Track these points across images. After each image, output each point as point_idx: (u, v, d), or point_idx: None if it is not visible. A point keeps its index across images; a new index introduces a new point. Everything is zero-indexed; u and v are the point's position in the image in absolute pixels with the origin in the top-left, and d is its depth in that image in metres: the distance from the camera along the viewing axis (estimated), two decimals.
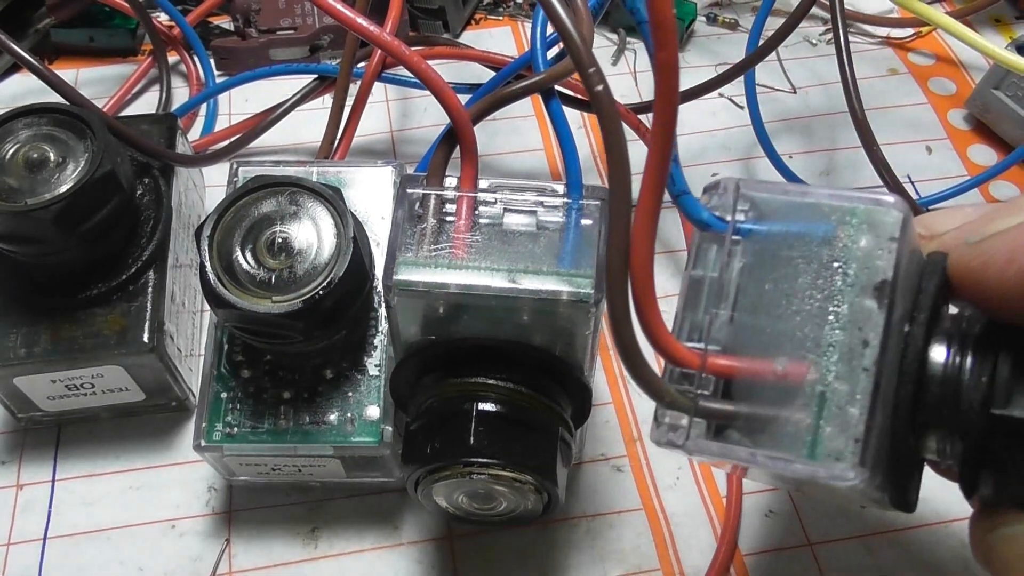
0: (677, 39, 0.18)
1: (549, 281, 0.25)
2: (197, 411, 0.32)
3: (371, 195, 0.34)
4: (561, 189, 0.27)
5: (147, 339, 0.33)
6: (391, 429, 0.31)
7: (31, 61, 0.35)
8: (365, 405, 0.31)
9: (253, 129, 0.43)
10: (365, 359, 0.32)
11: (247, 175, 0.33)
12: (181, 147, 0.39)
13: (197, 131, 0.46)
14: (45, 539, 0.35)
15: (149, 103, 0.48)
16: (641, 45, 0.50)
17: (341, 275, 0.28)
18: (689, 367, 0.22)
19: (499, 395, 0.28)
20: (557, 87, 0.29)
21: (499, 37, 0.51)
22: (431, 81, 0.29)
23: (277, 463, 0.33)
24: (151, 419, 0.37)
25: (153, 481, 0.36)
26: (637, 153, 0.21)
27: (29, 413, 0.36)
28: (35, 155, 0.31)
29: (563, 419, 0.29)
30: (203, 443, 0.31)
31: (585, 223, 0.27)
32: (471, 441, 0.27)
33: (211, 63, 0.49)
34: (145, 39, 0.50)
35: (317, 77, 0.44)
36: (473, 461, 0.27)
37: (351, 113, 0.41)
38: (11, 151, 0.32)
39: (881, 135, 0.40)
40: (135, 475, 0.36)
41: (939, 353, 0.21)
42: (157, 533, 0.35)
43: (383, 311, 0.32)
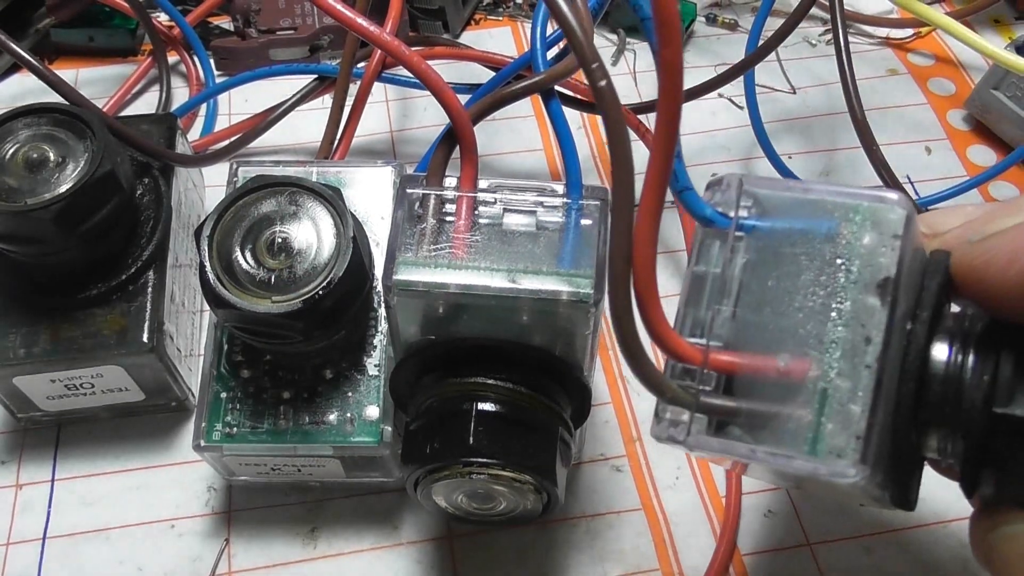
0: (681, 36, 0.18)
1: (549, 281, 0.25)
2: (197, 411, 0.32)
3: (371, 195, 0.34)
4: (561, 189, 0.27)
5: (147, 339, 0.33)
6: (390, 429, 0.31)
7: (31, 61, 0.35)
8: (365, 405, 0.31)
9: (253, 129, 0.43)
10: (365, 359, 0.32)
11: (247, 175, 0.33)
12: (181, 147, 0.39)
13: (197, 131, 0.46)
14: (44, 539, 0.35)
15: (149, 103, 0.48)
16: (641, 45, 0.50)
17: (341, 275, 0.28)
18: (691, 363, 0.22)
19: (499, 395, 0.28)
20: (557, 87, 0.29)
21: (499, 37, 0.51)
22: (431, 81, 0.29)
23: (277, 463, 0.33)
24: (151, 419, 0.37)
25: (152, 481, 0.36)
26: (637, 154, 0.21)
27: (29, 413, 0.36)
28: (35, 155, 0.31)
29: (563, 419, 0.29)
30: (203, 443, 0.31)
31: (585, 223, 0.27)
32: (471, 441, 0.27)
33: (211, 63, 0.49)
34: (145, 39, 0.50)
35: (317, 77, 0.44)
36: (473, 461, 0.27)
37: (351, 113, 0.41)
38: (11, 151, 0.32)
39: (880, 135, 0.40)
40: (134, 475, 0.36)
41: (941, 351, 0.21)
42: (156, 533, 0.35)
43: (383, 311, 0.32)
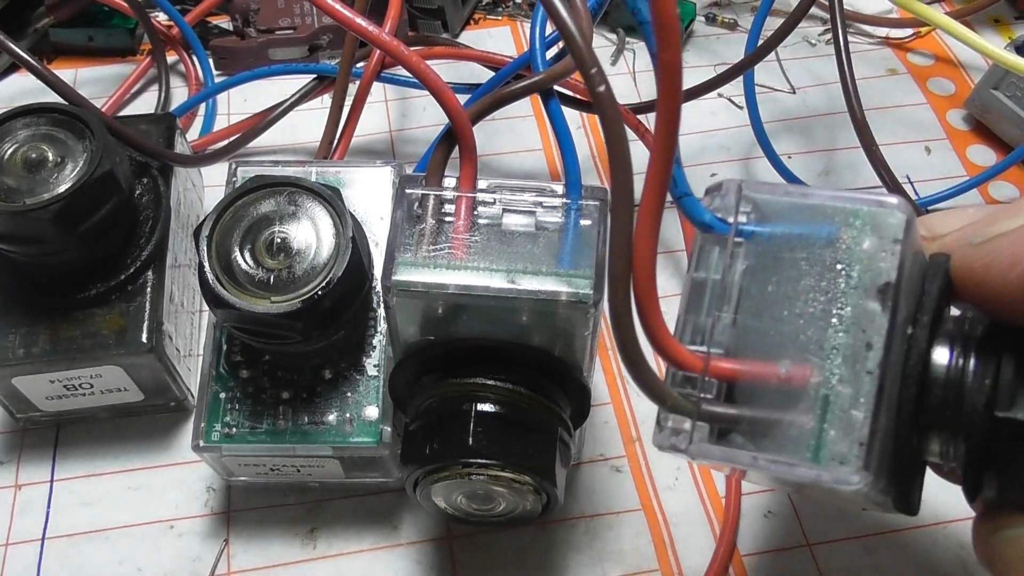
0: (680, 40, 0.18)
1: (548, 282, 0.25)
2: (196, 411, 0.31)
3: (370, 195, 0.34)
4: (560, 189, 0.27)
5: (146, 339, 0.33)
6: (390, 429, 0.31)
7: (30, 61, 0.35)
8: (364, 405, 0.31)
9: (252, 129, 0.43)
10: (364, 359, 0.32)
11: (246, 175, 0.33)
12: (180, 147, 0.39)
13: (196, 131, 0.46)
14: (44, 539, 0.34)
15: (148, 103, 0.48)
16: (640, 45, 0.50)
17: (340, 275, 0.28)
18: (691, 370, 0.22)
19: (498, 396, 0.28)
20: (556, 87, 0.29)
21: (498, 37, 0.51)
22: (430, 81, 0.29)
23: (276, 463, 0.33)
24: (150, 419, 0.37)
25: (152, 481, 0.36)
26: (637, 154, 0.21)
27: (28, 413, 0.36)
28: (34, 155, 0.31)
29: (562, 420, 0.29)
30: (202, 443, 0.31)
31: (584, 223, 0.26)
32: (470, 442, 0.27)
33: (210, 63, 0.48)
34: (144, 39, 0.50)
35: (316, 77, 0.44)
36: (472, 462, 0.27)
37: (350, 113, 0.41)
38: (10, 151, 0.32)
39: (880, 135, 0.40)
40: (134, 475, 0.36)
41: (942, 355, 0.21)
42: (156, 533, 0.35)
43: (382, 311, 0.32)
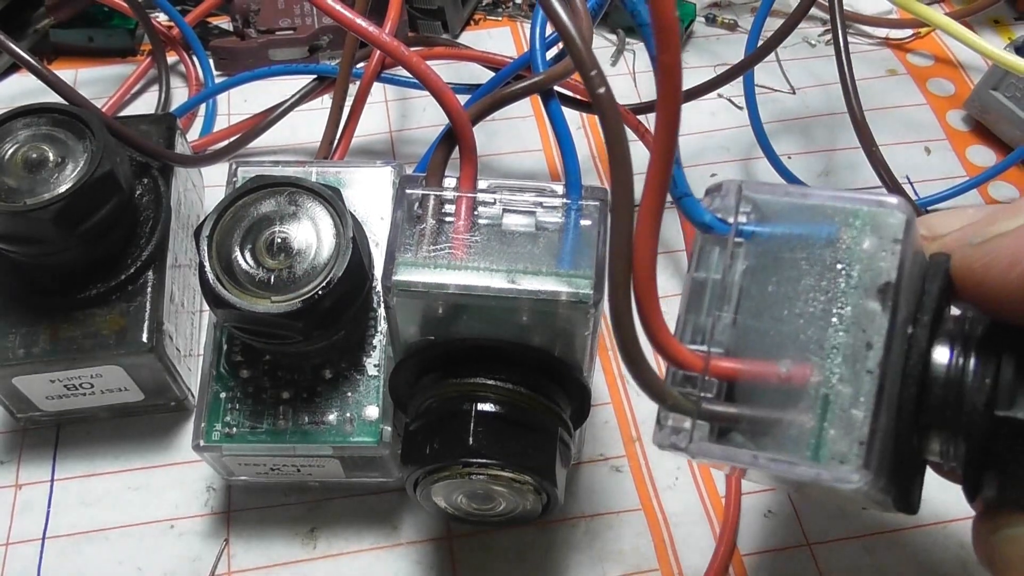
0: (680, 41, 0.18)
1: (548, 282, 0.25)
2: (196, 411, 0.32)
3: (370, 195, 0.34)
4: (560, 190, 0.27)
5: (146, 339, 0.33)
6: (390, 429, 0.31)
7: (30, 61, 0.35)
8: (364, 405, 0.31)
9: (252, 129, 0.43)
10: (364, 359, 0.32)
11: (246, 175, 0.33)
12: (180, 147, 0.39)
13: (196, 131, 0.46)
14: (44, 539, 0.34)
15: (148, 103, 0.48)
16: (640, 46, 0.50)
17: (340, 275, 0.28)
18: (692, 370, 0.22)
19: (498, 396, 0.28)
20: (556, 88, 0.29)
21: (498, 38, 0.51)
22: (430, 82, 0.29)
23: (276, 463, 0.33)
24: (150, 419, 0.37)
25: (152, 481, 0.36)
26: (637, 155, 0.21)
27: (28, 413, 0.36)
28: (34, 155, 0.31)
29: (562, 419, 0.29)
30: (202, 443, 0.31)
31: (584, 224, 0.27)
32: (470, 442, 0.27)
33: (210, 63, 0.48)
34: (144, 39, 0.50)
35: (316, 77, 0.44)
36: (472, 462, 0.27)
37: (350, 113, 0.41)
38: (10, 151, 0.32)
39: (880, 136, 0.40)
40: (134, 475, 0.36)
41: (942, 355, 0.21)
42: (156, 533, 0.35)
43: (382, 311, 0.32)
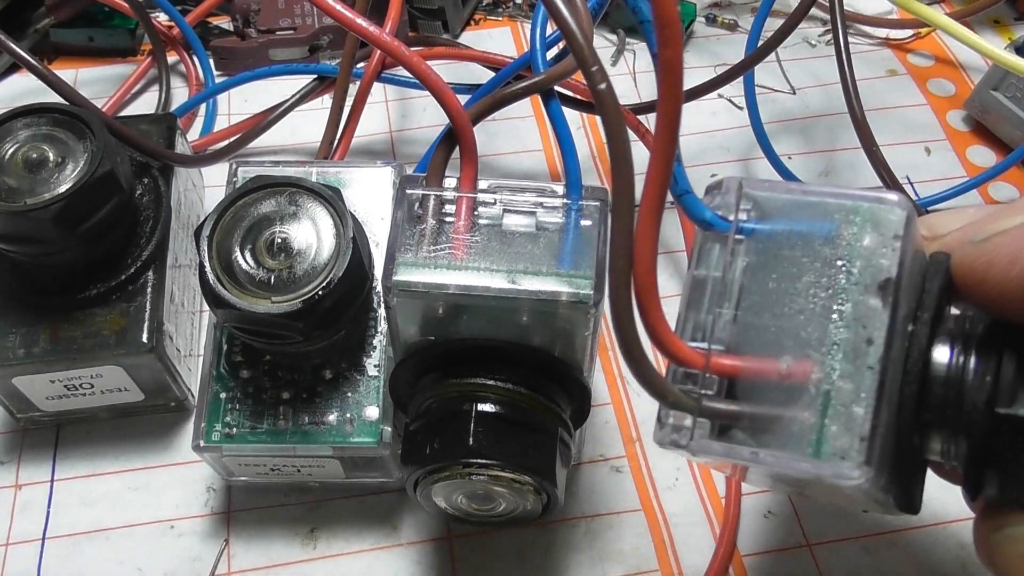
0: (681, 37, 0.18)
1: (548, 282, 0.25)
2: (196, 411, 0.32)
3: (370, 195, 0.34)
4: (560, 190, 0.27)
5: (146, 339, 0.33)
6: (390, 430, 0.31)
7: (30, 61, 0.35)
8: (364, 406, 0.31)
9: (252, 129, 0.43)
10: (364, 359, 0.32)
11: (246, 175, 0.33)
12: (180, 147, 0.39)
13: (196, 131, 0.46)
14: (44, 539, 0.34)
15: (148, 103, 0.48)
16: (640, 45, 0.50)
17: (340, 275, 0.28)
18: (693, 367, 0.22)
19: (498, 396, 0.28)
20: (557, 88, 0.29)
21: (498, 38, 0.51)
22: (431, 82, 0.29)
23: (276, 463, 0.33)
24: (150, 419, 0.37)
25: (152, 481, 0.36)
26: (637, 155, 0.21)
27: (28, 413, 0.36)
28: (34, 155, 0.31)
29: (562, 420, 0.29)
30: (202, 443, 0.31)
31: (584, 224, 0.27)
32: (470, 442, 0.27)
33: (210, 63, 0.48)
34: (144, 39, 0.50)
35: (316, 77, 0.44)
36: (472, 462, 0.27)
37: (350, 113, 0.41)
38: (10, 151, 0.32)
39: (880, 136, 0.40)
40: (134, 475, 0.36)
41: (943, 353, 0.21)
42: (156, 533, 0.35)
43: (382, 311, 0.32)
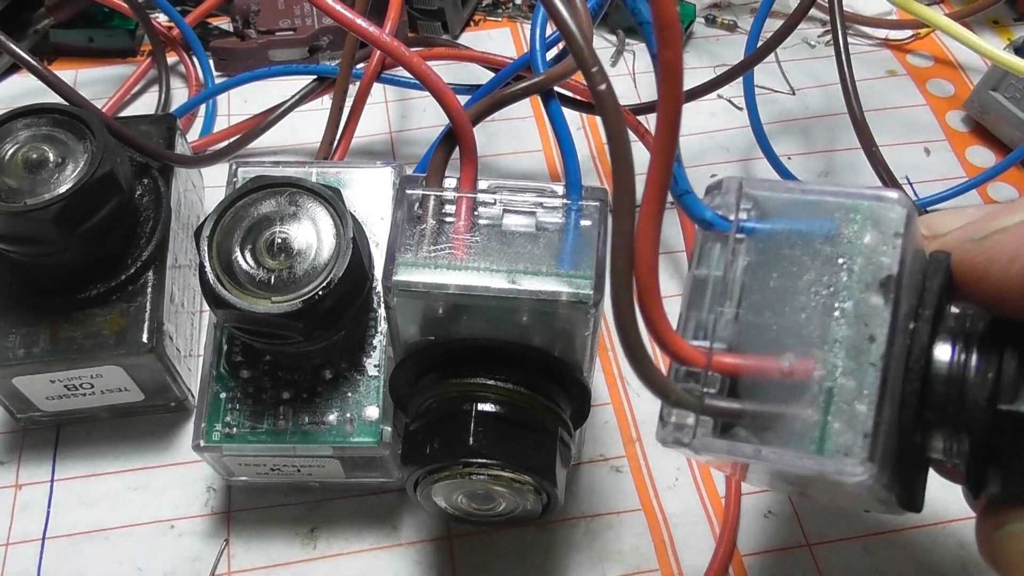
0: (681, 38, 0.18)
1: (548, 282, 0.25)
2: (196, 411, 0.32)
3: (370, 196, 0.34)
4: (560, 190, 0.27)
5: (146, 339, 0.33)
6: (390, 430, 0.31)
7: (30, 61, 0.35)
8: (364, 406, 0.31)
9: (252, 130, 0.43)
10: (364, 359, 0.32)
11: (246, 176, 0.33)
12: (180, 148, 0.39)
13: (196, 132, 0.46)
14: (44, 539, 0.34)
15: (148, 104, 0.48)
16: (640, 46, 0.50)
17: (340, 276, 0.28)
18: (694, 365, 0.22)
19: (498, 396, 0.28)
20: (556, 88, 0.29)
21: (498, 38, 0.51)
22: (431, 82, 0.29)
23: (276, 463, 0.33)
24: (150, 419, 0.37)
25: (152, 481, 0.36)
26: (637, 156, 0.21)
27: (28, 413, 0.36)
28: (34, 155, 0.31)
29: (562, 420, 0.29)
30: (202, 443, 0.31)
31: (584, 224, 0.27)
32: (470, 442, 0.27)
33: (210, 64, 0.48)
34: (144, 40, 0.50)
35: (316, 78, 0.44)
36: (472, 462, 0.27)
37: (350, 114, 0.41)
38: (10, 151, 0.32)
39: (879, 136, 0.40)
40: (134, 475, 0.36)
41: (944, 350, 0.21)
42: (156, 533, 0.35)
43: (382, 312, 0.32)
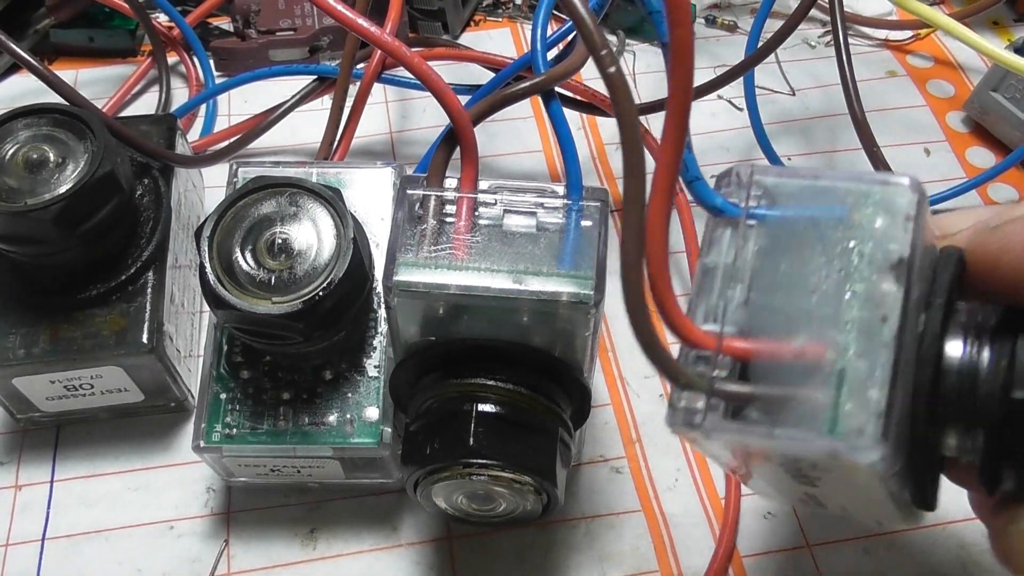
0: (691, 17, 0.18)
1: (549, 282, 0.25)
2: (196, 412, 0.32)
3: (370, 196, 0.34)
4: (561, 190, 0.27)
5: (146, 340, 0.33)
6: (390, 430, 0.31)
7: (31, 61, 0.35)
8: (364, 406, 0.31)
9: (252, 130, 0.43)
10: (364, 360, 0.32)
11: (247, 176, 0.33)
12: (180, 148, 0.39)
13: (196, 132, 0.46)
14: (44, 540, 0.34)
15: (148, 104, 0.48)
16: (640, 47, 0.50)
17: (341, 276, 0.28)
18: (705, 348, 0.22)
19: (499, 396, 0.28)
20: (557, 88, 0.29)
21: (498, 39, 0.51)
22: (432, 82, 0.29)
23: (276, 464, 0.33)
24: (150, 420, 0.37)
25: (152, 482, 0.36)
26: None
27: (28, 414, 0.36)
28: (35, 155, 0.31)
29: (562, 420, 0.29)
30: (202, 444, 0.31)
31: (585, 224, 0.27)
32: (471, 442, 0.27)
33: (210, 64, 0.48)
34: (145, 40, 0.50)
35: (316, 78, 0.44)
36: (472, 462, 0.27)
37: (350, 114, 0.41)
38: (11, 151, 0.32)
39: (879, 137, 0.40)
40: (134, 476, 0.36)
41: (956, 344, 0.21)
42: (156, 534, 0.35)
43: (383, 312, 0.32)
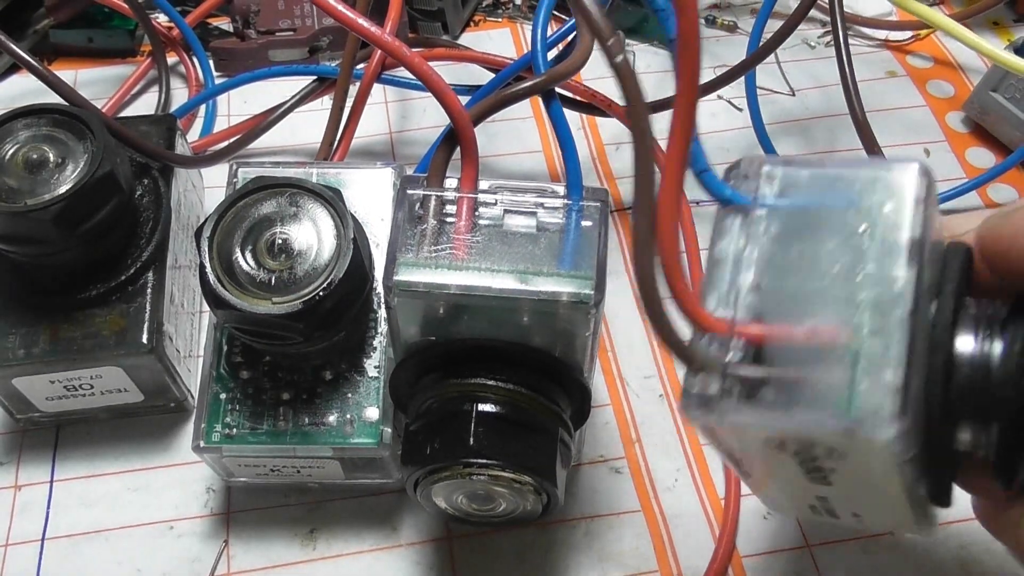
0: (697, 5, 0.18)
1: (549, 282, 0.25)
2: (196, 412, 0.32)
3: (370, 196, 0.34)
4: (561, 190, 0.27)
5: (146, 340, 0.33)
6: (390, 430, 0.31)
7: (30, 61, 0.35)
8: (364, 406, 0.31)
9: (252, 130, 0.43)
10: (364, 360, 0.32)
11: (246, 176, 0.33)
12: (180, 148, 0.39)
13: (196, 132, 0.46)
14: (43, 540, 0.34)
15: (148, 104, 0.48)
16: (641, 47, 0.50)
17: (341, 276, 0.28)
18: (718, 332, 0.21)
19: (499, 396, 0.28)
20: (557, 89, 0.29)
21: (498, 39, 0.51)
22: (432, 82, 0.29)
23: (276, 464, 0.33)
24: (150, 420, 0.37)
25: (151, 482, 0.36)
26: None
27: (28, 414, 0.36)
28: (34, 156, 0.31)
29: (562, 420, 0.29)
30: (202, 444, 0.31)
31: (585, 224, 0.27)
32: (471, 442, 0.27)
33: (210, 64, 0.48)
34: (144, 40, 0.50)
35: (316, 78, 0.44)
36: (473, 462, 0.27)
37: (350, 114, 0.41)
38: (10, 151, 0.32)
39: (879, 137, 0.40)
40: (133, 476, 0.36)
41: (967, 337, 0.21)
42: (155, 534, 0.35)
43: (383, 312, 0.32)
